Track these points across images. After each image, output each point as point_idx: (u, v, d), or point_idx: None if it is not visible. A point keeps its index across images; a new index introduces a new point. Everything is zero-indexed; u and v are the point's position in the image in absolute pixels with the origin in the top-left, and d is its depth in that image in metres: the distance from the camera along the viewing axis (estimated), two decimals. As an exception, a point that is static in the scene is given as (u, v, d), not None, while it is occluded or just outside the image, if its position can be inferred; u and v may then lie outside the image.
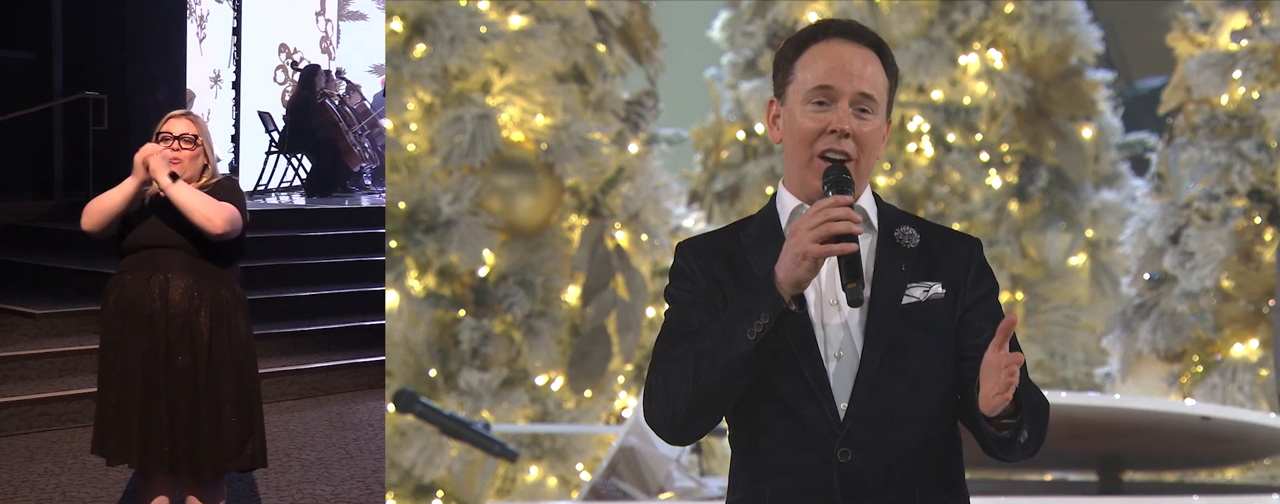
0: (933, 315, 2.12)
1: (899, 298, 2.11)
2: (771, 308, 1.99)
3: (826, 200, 1.99)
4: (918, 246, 2.16)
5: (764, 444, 2.14)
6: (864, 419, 2.07)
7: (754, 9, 5.56)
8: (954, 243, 2.22)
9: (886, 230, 2.17)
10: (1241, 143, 5.20)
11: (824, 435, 2.08)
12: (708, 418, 2.11)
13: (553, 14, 5.39)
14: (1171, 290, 5.28)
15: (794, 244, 1.97)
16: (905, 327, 2.10)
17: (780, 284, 1.99)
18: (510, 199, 5.37)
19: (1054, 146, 5.37)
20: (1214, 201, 5.22)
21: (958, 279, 2.16)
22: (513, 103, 5.37)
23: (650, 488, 5.15)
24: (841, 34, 2.15)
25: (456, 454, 5.36)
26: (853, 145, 2.09)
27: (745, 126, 5.56)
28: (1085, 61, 5.39)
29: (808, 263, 1.97)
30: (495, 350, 5.36)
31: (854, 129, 2.09)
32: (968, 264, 2.19)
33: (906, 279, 2.13)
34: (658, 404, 2.11)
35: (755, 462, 2.17)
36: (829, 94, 2.10)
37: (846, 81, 2.10)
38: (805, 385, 2.08)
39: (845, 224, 1.95)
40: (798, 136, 2.12)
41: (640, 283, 5.42)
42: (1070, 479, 5.23)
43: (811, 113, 2.10)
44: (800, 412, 2.09)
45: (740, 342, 2.00)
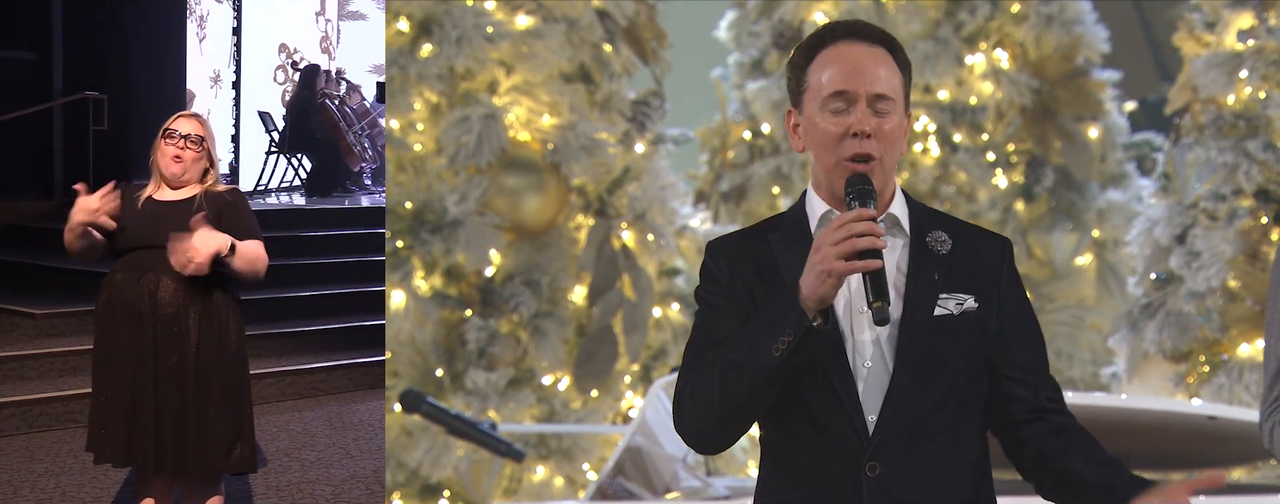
0: (964, 328, 2.11)
1: (931, 309, 2.10)
2: (795, 325, 1.98)
3: (850, 214, 1.98)
4: (949, 252, 2.15)
5: (793, 455, 2.13)
6: (893, 433, 2.06)
7: (760, 9, 5.56)
8: (985, 247, 2.21)
9: (918, 236, 2.16)
10: (1248, 143, 5.20)
11: (853, 448, 2.07)
12: (735, 428, 2.11)
13: (559, 14, 5.39)
14: (1178, 290, 5.28)
15: (817, 261, 1.96)
16: (936, 339, 2.09)
17: (805, 300, 1.97)
18: (516, 199, 5.37)
19: (1060, 146, 5.37)
20: (1220, 201, 5.21)
21: (991, 289, 2.16)
22: (519, 103, 5.37)
23: (656, 488, 5.14)
24: (850, 35, 2.14)
25: (463, 454, 5.36)
26: (876, 144, 2.08)
27: (751, 126, 5.56)
28: (1091, 61, 5.40)
29: (832, 281, 1.95)
30: (501, 350, 5.36)
31: (875, 128, 2.08)
32: (999, 271, 2.18)
33: (939, 289, 2.12)
34: (686, 414, 2.12)
35: (784, 472, 2.16)
36: (845, 98, 2.09)
37: (861, 83, 2.09)
38: (834, 398, 2.07)
39: (869, 240, 1.94)
40: (821, 143, 2.12)
41: (646, 283, 5.41)
42: (1076, 479, 5.23)
43: (831, 118, 2.10)
44: (829, 424, 2.08)
45: (765, 357, 1.99)
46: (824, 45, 2.15)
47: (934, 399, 2.08)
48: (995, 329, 2.15)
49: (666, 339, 5.44)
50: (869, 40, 2.14)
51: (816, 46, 2.16)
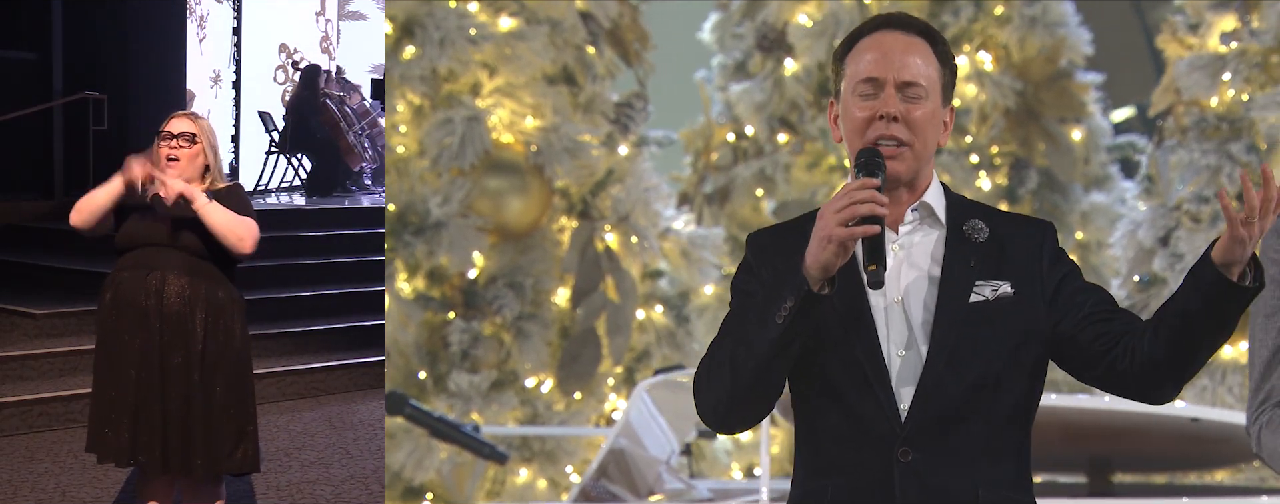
0: (1001, 314, 2.10)
1: (967, 295, 2.10)
2: (795, 291, 1.98)
3: (854, 183, 1.98)
4: (987, 240, 2.15)
5: (826, 443, 2.14)
6: (926, 419, 2.06)
7: (744, 11, 5.55)
8: (1024, 232, 2.20)
9: (955, 224, 2.17)
10: (1231, 145, 5.18)
11: (885, 435, 2.07)
12: (751, 406, 2.11)
13: (542, 16, 5.39)
14: (1161, 293, 5.26)
15: (820, 228, 1.96)
16: (972, 325, 2.09)
17: (807, 268, 1.97)
18: (500, 201, 5.37)
19: (1044, 149, 5.35)
20: (1204, 204, 5.20)
21: (1030, 272, 2.15)
22: (502, 105, 5.37)
23: (640, 490, 5.15)
24: (887, 25, 2.16)
25: (446, 456, 5.36)
26: (904, 130, 2.09)
27: (735, 129, 5.54)
28: (1075, 63, 5.37)
29: (833, 246, 1.95)
30: (485, 352, 5.36)
31: (903, 113, 2.09)
32: (1039, 252, 2.18)
33: (975, 275, 2.12)
34: (703, 393, 2.13)
35: (816, 460, 2.17)
36: (875, 84, 2.11)
37: (889, 70, 2.10)
38: (867, 384, 2.08)
39: (869, 206, 1.94)
40: (851, 128, 2.14)
41: (630, 285, 5.41)
42: (1060, 481, 5.22)
43: (860, 102, 2.12)
44: (862, 411, 2.08)
45: (770, 326, 2.00)
46: (863, 35, 2.18)
47: (967, 385, 2.08)
48: (1051, 300, 2.13)
49: (650, 341, 5.43)
50: (907, 30, 2.16)
51: (857, 37, 2.18)
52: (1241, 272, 1.93)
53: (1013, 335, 2.11)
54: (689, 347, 5.42)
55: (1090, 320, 2.11)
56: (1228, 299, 1.94)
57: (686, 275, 5.46)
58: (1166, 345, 2.02)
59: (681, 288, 5.47)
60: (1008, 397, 2.12)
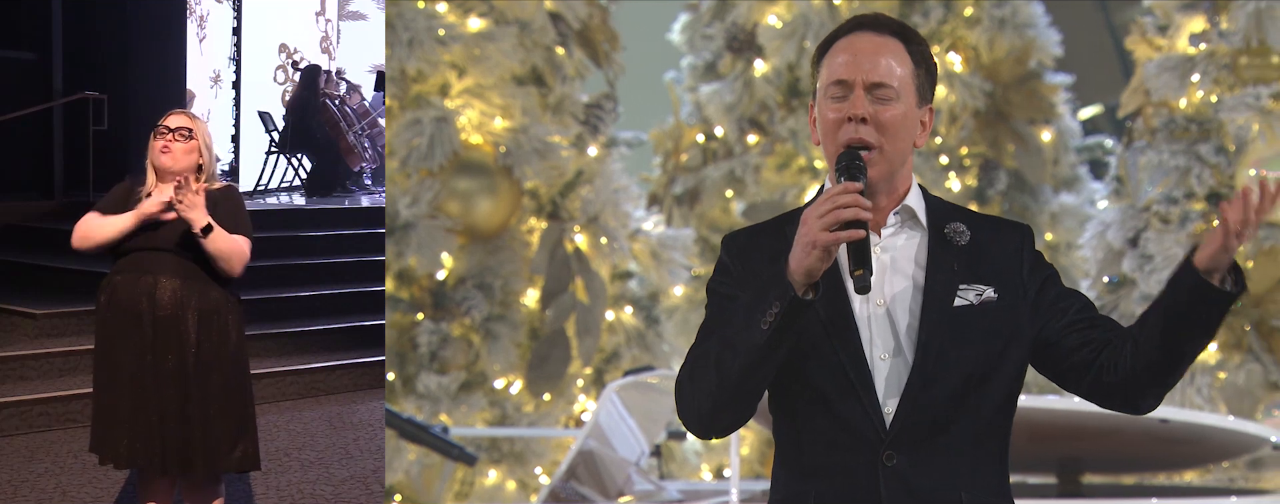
0: (984, 319, 2.10)
1: (951, 299, 2.10)
2: (782, 296, 1.97)
3: (836, 188, 1.97)
4: (968, 243, 2.15)
5: (809, 447, 2.14)
6: (911, 423, 2.06)
7: (713, 12, 5.55)
8: (1004, 236, 2.20)
9: (936, 227, 2.16)
10: (1200, 146, 5.16)
11: (870, 439, 2.07)
12: (734, 410, 2.10)
13: (511, 16, 5.39)
14: (1131, 293, 5.25)
15: (804, 233, 1.95)
16: (956, 329, 2.09)
17: (791, 273, 1.96)
18: (469, 202, 5.38)
19: (1013, 150, 5.34)
20: (1173, 205, 5.18)
21: (1012, 277, 2.14)
22: (471, 106, 5.38)
23: (609, 492, 5.15)
24: (861, 27, 2.16)
25: (414, 458, 5.37)
26: (873, 132, 2.08)
27: (705, 130, 5.54)
28: (1044, 65, 5.36)
29: (818, 251, 1.94)
30: (454, 354, 5.37)
31: (872, 114, 2.08)
32: (1019, 256, 2.17)
33: (958, 280, 2.11)
34: (685, 397, 2.12)
35: (799, 463, 2.16)
36: (845, 86, 2.11)
37: (858, 72, 2.10)
38: (851, 388, 2.07)
39: (853, 211, 1.93)
40: (823, 130, 2.13)
41: (600, 286, 5.41)
42: (1030, 482, 5.21)
43: (831, 105, 2.11)
44: (846, 415, 2.08)
45: (755, 331, 1.99)
46: (839, 37, 2.17)
47: (952, 389, 2.08)
48: (1033, 306, 2.14)
49: (619, 342, 5.44)
50: (881, 31, 2.15)
51: (832, 39, 2.18)
52: (1222, 277, 1.96)
53: (996, 340, 2.10)
54: (659, 348, 5.42)
55: (1074, 328, 2.12)
56: (1212, 304, 1.97)
57: (656, 276, 5.47)
58: (1151, 352, 2.04)
59: (651, 289, 5.47)
60: (991, 400, 2.11)
